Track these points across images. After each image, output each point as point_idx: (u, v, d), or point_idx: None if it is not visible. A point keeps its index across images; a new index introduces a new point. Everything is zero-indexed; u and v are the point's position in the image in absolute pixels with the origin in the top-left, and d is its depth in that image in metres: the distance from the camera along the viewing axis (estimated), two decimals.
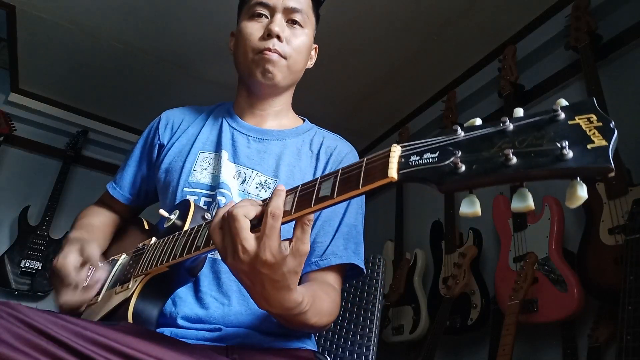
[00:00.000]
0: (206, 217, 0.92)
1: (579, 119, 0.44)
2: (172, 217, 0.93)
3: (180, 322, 0.91)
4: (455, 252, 2.36)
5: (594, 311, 1.73)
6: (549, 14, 2.27)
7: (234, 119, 1.15)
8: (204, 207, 0.97)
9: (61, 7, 2.45)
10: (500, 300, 1.97)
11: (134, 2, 2.39)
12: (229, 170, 1.05)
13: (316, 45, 1.22)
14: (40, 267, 2.94)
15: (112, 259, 1.05)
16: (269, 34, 1.04)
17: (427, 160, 0.52)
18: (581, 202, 0.44)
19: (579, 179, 0.44)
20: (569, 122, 0.45)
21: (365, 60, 2.66)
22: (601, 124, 0.43)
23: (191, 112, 1.22)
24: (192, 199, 1.02)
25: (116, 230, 1.22)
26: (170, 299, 0.93)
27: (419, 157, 0.53)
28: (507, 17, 2.35)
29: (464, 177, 0.48)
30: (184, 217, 0.91)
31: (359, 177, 0.58)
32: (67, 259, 0.93)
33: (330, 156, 1.11)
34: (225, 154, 1.07)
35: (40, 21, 2.54)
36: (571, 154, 0.43)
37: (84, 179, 3.42)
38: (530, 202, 0.47)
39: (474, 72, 2.66)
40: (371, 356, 1.16)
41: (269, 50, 1.04)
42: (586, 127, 0.44)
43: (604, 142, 0.42)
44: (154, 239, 0.94)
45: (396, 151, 0.56)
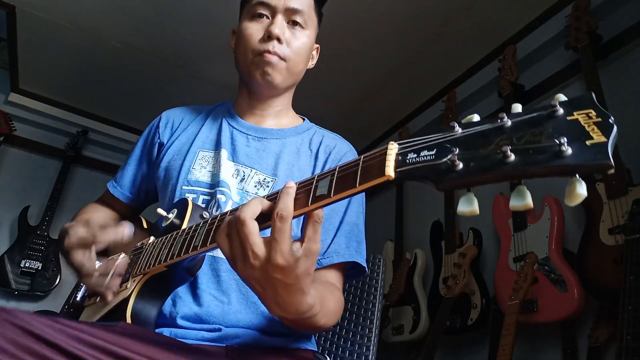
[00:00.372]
0: (204, 215, 0.92)
1: (578, 115, 0.44)
2: (170, 216, 0.93)
3: (179, 321, 0.91)
4: (455, 252, 2.35)
5: (594, 311, 1.73)
6: (549, 14, 2.27)
7: (234, 118, 1.15)
8: (202, 206, 0.97)
9: (61, 7, 2.45)
10: (500, 300, 1.97)
11: (134, 2, 2.39)
12: (228, 168, 1.05)
13: (318, 45, 1.21)
14: (40, 267, 2.94)
15: (110, 259, 1.05)
16: (269, 36, 1.04)
17: (425, 157, 0.51)
18: (581, 200, 0.43)
19: (578, 176, 0.43)
20: (568, 118, 0.44)
21: (365, 60, 2.66)
22: (600, 119, 0.43)
23: (191, 112, 1.22)
24: (191, 197, 1.02)
25: None
26: (170, 298, 0.92)
27: (416, 155, 0.52)
28: (507, 17, 2.35)
29: (461, 175, 0.47)
30: (182, 216, 0.91)
31: (356, 176, 0.57)
32: (79, 231, 0.92)
33: (329, 155, 1.11)
34: (224, 153, 1.07)
35: (40, 21, 2.54)
36: (570, 151, 0.42)
37: (84, 179, 3.41)
38: (528, 200, 0.46)
39: (474, 72, 2.66)
40: (371, 356, 1.16)
41: (269, 52, 1.03)
42: (585, 123, 0.43)
43: (603, 138, 0.41)
44: (152, 238, 0.94)
45: (393, 149, 0.55)
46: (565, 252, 1.86)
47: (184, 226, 0.88)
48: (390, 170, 0.53)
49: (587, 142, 0.42)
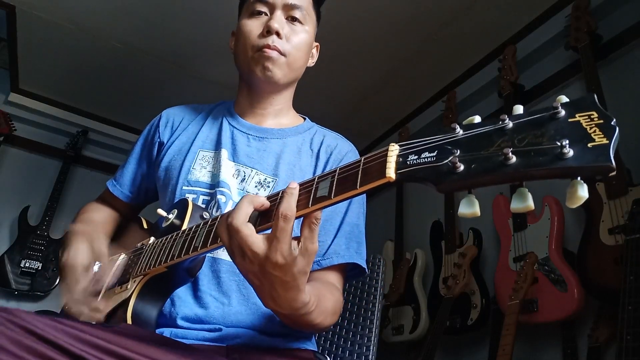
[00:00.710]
0: (204, 216, 0.92)
1: (580, 117, 0.43)
2: (171, 216, 0.93)
3: (180, 322, 0.91)
4: (455, 252, 2.35)
5: (594, 311, 1.73)
6: (549, 14, 2.27)
7: (234, 117, 1.14)
8: (203, 206, 0.97)
9: (61, 7, 2.45)
10: (500, 300, 1.97)
11: (134, 2, 2.39)
12: (228, 168, 1.05)
13: (317, 43, 1.21)
14: (40, 267, 2.94)
15: (111, 259, 1.05)
16: (268, 31, 1.04)
17: (425, 159, 0.51)
18: (582, 202, 0.43)
19: (579, 178, 0.43)
20: (570, 120, 0.44)
21: (365, 60, 2.66)
22: (602, 121, 0.42)
23: (191, 111, 1.21)
24: (191, 197, 1.02)
25: (116, 228, 1.21)
26: (169, 298, 0.92)
27: (417, 157, 0.52)
28: (507, 17, 2.35)
29: (462, 177, 0.47)
30: (182, 216, 0.91)
31: (357, 177, 0.57)
32: (78, 258, 0.94)
33: (330, 155, 1.11)
34: (224, 153, 1.07)
35: (40, 21, 2.54)
36: (571, 153, 0.42)
37: (84, 179, 3.41)
38: (530, 202, 0.46)
39: (474, 72, 2.66)
40: (371, 356, 1.16)
41: (268, 47, 1.03)
42: (587, 125, 0.43)
43: (605, 141, 0.41)
44: (152, 239, 0.94)
45: (394, 150, 0.55)
46: (565, 252, 1.86)
47: (184, 227, 0.88)
48: (391, 171, 0.53)
49: (589, 145, 0.42)
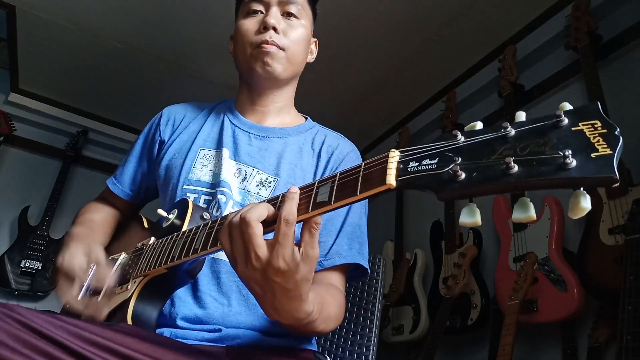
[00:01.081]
0: (205, 216, 0.92)
1: (583, 125, 0.43)
2: (171, 216, 0.93)
3: (179, 322, 0.91)
4: (455, 252, 2.35)
5: (594, 311, 1.73)
6: (549, 14, 2.27)
7: (236, 116, 1.14)
8: (203, 206, 0.97)
9: (61, 7, 2.45)
10: (500, 300, 1.97)
11: (134, 2, 2.39)
12: (229, 168, 1.04)
13: (316, 39, 1.21)
14: (40, 267, 2.94)
15: (111, 258, 1.05)
16: (265, 27, 1.04)
17: (426, 166, 0.50)
18: (584, 213, 0.43)
19: (582, 189, 0.42)
20: (573, 129, 0.43)
21: (365, 60, 2.66)
22: (606, 130, 0.42)
23: (193, 109, 1.21)
24: (191, 196, 1.02)
25: (116, 226, 1.21)
26: (169, 299, 0.92)
27: (417, 163, 0.51)
28: (507, 17, 2.35)
29: (463, 186, 0.46)
30: (182, 216, 0.91)
31: (357, 183, 0.57)
32: (75, 261, 0.93)
33: (331, 155, 1.10)
34: (226, 152, 1.06)
35: (40, 21, 2.54)
36: (574, 163, 0.41)
37: (84, 179, 3.41)
38: (532, 213, 0.45)
39: (474, 72, 2.66)
40: (371, 356, 1.16)
41: (267, 43, 1.04)
42: (590, 134, 0.42)
43: (608, 151, 0.41)
44: (152, 239, 0.94)
45: (394, 157, 0.55)
46: (565, 252, 1.86)
47: (185, 227, 0.88)
48: (391, 178, 0.53)
49: (592, 155, 0.41)
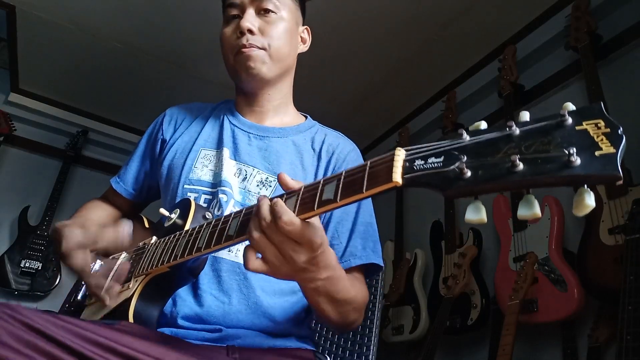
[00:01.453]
0: (207, 216, 0.92)
1: (587, 125, 0.43)
2: (173, 216, 0.93)
3: (180, 322, 0.91)
4: (455, 252, 2.36)
5: (594, 311, 1.74)
6: (549, 14, 2.27)
7: (235, 116, 1.14)
8: (205, 206, 0.97)
9: (61, 7, 2.45)
10: (500, 300, 1.97)
11: (134, 2, 2.39)
12: (230, 167, 1.05)
13: (307, 27, 1.21)
14: (40, 267, 2.94)
15: (112, 257, 1.05)
16: (240, 32, 1.04)
17: (432, 165, 0.51)
18: (589, 211, 0.43)
19: (586, 186, 0.43)
20: (577, 128, 0.44)
21: (365, 60, 2.66)
22: (609, 130, 0.42)
23: (195, 109, 1.22)
24: (192, 196, 1.02)
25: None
26: (171, 298, 0.93)
27: (423, 162, 0.52)
28: (507, 17, 2.35)
29: (469, 183, 0.47)
30: (184, 216, 0.91)
31: (363, 181, 0.57)
32: (77, 233, 0.92)
33: (332, 154, 1.11)
34: (226, 152, 1.07)
35: (40, 21, 2.54)
36: (579, 161, 0.42)
37: (84, 179, 3.41)
38: (537, 210, 0.46)
39: (474, 72, 2.66)
40: (371, 356, 1.16)
41: (245, 47, 1.04)
42: (594, 134, 0.43)
43: (612, 149, 0.41)
44: (154, 238, 0.94)
45: (400, 155, 0.55)
46: (565, 252, 1.86)
47: (187, 227, 0.88)
48: (397, 176, 0.53)
49: (596, 153, 0.42)
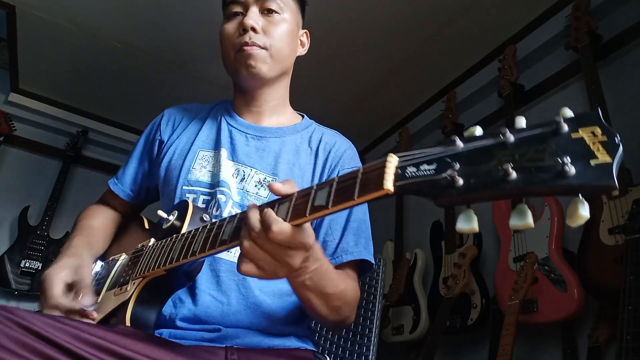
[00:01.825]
0: (204, 218, 0.92)
1: (583, 132, 0.43)
2: (171, 218, 0.93)
3: (178, 323, 0.91)
4: (455, 252, 2.35)
5: (594, 311, 1.73)
6: (549, 14, 2.27)
7: (232, 116, 1.14)
8: (203, 208, 0.97)
9: (61, 7, 2.45)
10: (500, 300, 1.97)
11: (134, 2, 2.39)
12: (228, 168, 1.05)
13: (306, 30, 1.21)
14: (40, 267, 2.94)
15: (112, 259, 1.05)
16: (243, 29, 1.04)
17: (424, 172, 0.50)
18: (583, 221, 0.43)
19: (580, 196, 0.42)
20: (572, 135, 0.43)
21: (365, 60, 2.66)
22: (606, 138, 0.42)
23: (192, 110, 1.21)
24: (191, 197, 1.02)
25: (117, 229, 1.21)
26: (170, 299, 0.92)
27: (415, 169, 0.51)
28: (507, 17, 2.35)
29: (461, 192, 0.46)
30: (182, 217, 0.91)
31: (355, 188, 0.57)
32: (59, 276, 0.89)
33: (329, 153, 1.11)
34: (224, 152, 1.07)
35: (40, 21, 2.54)
36: (573, 170, 0.41)
37: (84, 179, 3.41)
38: (529, 220, 0.45)
39: (474, 72, 2.66)
40: (371, 356, 1.16)
41: (247, 44, 1.03)
42: (590, 142, 0.42)
43: (608, 159, 0.40)
44: (152, 240, 0.94)
45: (392, 162, 0.55)
46: (565, 252, 1.86)
47: (184, 229, 0.88)
48: (389, 184, 0.53)
49: (592, 162, 0.41)
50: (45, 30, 2.60)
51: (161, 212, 0.96)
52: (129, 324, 0.81)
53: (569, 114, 0.45)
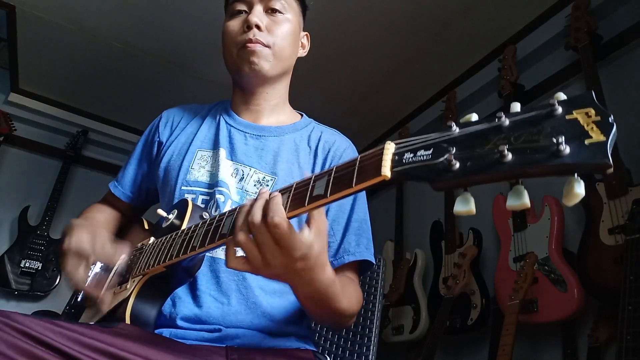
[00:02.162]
0: (204, 216, 0.92)
1: (577, 114, 0.43)
2: (171, 216, 0.93)
3: (179, 322, 0.91)
4: (455, 252, 2.35)
5: (594, 311, 1.73)
6: (549, 14, 2.27)
7: (231, 116, 1.14)
8: (202, 206, 0.97)
9: (61, 7, 2.45)
10: (500, 300, 1.97)
11: (134, 2, 2.39)
12: (226, 168, 1.05)
13: (307, 32, 1.21)
14: (40, 267, 2.94)
15: None
16: (248, 26, 1.04)
17: (421, 157, 0.51)
18: (578, 199, 0.43)
19: (576, 175, 0.42)
20: (567, 117, 0.43)
21: (365, 60, 2.66)
22: (599, 118, 0.42)
23: (191, 110, 1.22)
24: (189, 197, 1.02)
25: (118, 228, 1.22)
26: (169, 298, 0.93)
27: (412, 155, 0.52)
28: (507, 17, 2.35)
29: (457, 175, 0.46)
30: (181, 216, 0.91)
31: (353, 176, 0.57)
32: (83, 238, 0.93)
33: (328, 152, 1.11)
34: (222, 152, 1.07)
35: (40, 21, 2.54)
36: (568, 150, 0.41)
37: (84, 179, 3.41)
38: (525, 200, 0.45)
39: (474, 72, 2.66)
40: (371, 356, 1.16)
41: (250, 41, 1.03)
42: (584, 122, 0.42)
43: (602, 137, 0.41)
44: (152, 239, 0.94)
45: (390, 148, 0.55)
46: (565, 252, 1.86)
47: (184, 227, 0.88)
48: (386, 170, 0.53)
49: (586, 141, 0.41)
50: (45, 30, 2.60)
51: (161, 211, 0.97)
52: (129, 321, 0.81)
53: (562, 96, 0.46)
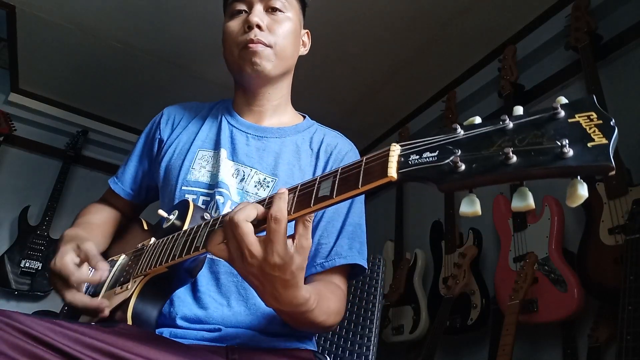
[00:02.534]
0: (205, 217, 0.92)
1: (579, 117, 0.44)
2: (172, 217, 0.93)
3: (179, 322, 0.91)
4: (455, 252, 2.35)
5: (594, 311, 1.73)
6: (549, 14, 2.27)
7: (233, 116, 1.13)
8: (203, 207, 0.97)
9: (61, 7, 2.45)
10: (500, 300, 1.97)
11: (133, 2, 2.39)
12: (227, 168, 1.04)
13: (307, 30, 1.20)
14: (40, 267, 2.94)
15: (111, 260, 1.05)
16: (249, 26, 1.03)
17: (427, 159, 0.51)
18: (582, 201, 0.44)
19: (579, 177, 0.43)
20: (569, 120, 0.44)
21: (365, 60, 2.66)
22: (601, 121, 0.43)
23: (192, 109, 1.21)
24: (190, 197, 1.01)
25: (117, 228, 1.21)
26: (169, 299, 0.92)
27: (418, 156, 0.52)
28: (507, 17, 2.35)
29: (463, 176, 0.47)
30: (183, 217, 0.91)
31: (359, 177, 0.57)
32: (65, 259, 0.92)
33: (330, 155, 1.10)
34: (224, 152, 1.06)
35: (40, 21, 2.54)
36: (571, 152, 0.42)
37: (84, 179, 3.41)
38: (530, 201, 0.46)
39: (474, 72, 2.66)
40: (371, 356, 1.16)
41: (252, 42, 1.02)
42: (586, 125, 0.43)
43: (604, 140, 0.42)
44: (153, 239, 0.93)
45: (395, 150, 0.56)
46: (565, 252, 1.86)
47: (185, 227, 0.88)
48: (392, 171, 0.54)
49: (589, 144, 0.42)
50: (45, 30, 2.60)
51: (162, 212, 0.96)
52: (130, 321, 0.81)
53: (564, 100, 0.47)
